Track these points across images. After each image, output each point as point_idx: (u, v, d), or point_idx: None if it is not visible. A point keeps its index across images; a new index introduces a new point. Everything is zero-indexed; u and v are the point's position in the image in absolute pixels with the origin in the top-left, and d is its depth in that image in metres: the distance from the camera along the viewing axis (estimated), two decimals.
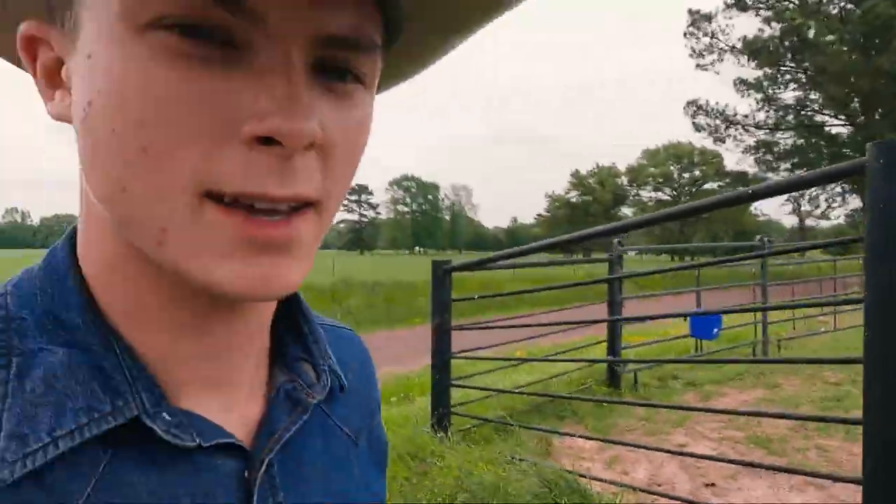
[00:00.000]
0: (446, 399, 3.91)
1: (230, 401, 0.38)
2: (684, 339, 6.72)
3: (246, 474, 0.36)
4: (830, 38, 21.31)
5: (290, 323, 0.44)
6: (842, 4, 22.33)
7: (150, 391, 0.34)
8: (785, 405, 4.89)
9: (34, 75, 0.35)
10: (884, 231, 1.68)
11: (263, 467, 0.37)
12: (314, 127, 0.29)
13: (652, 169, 66.08)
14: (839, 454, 3.77)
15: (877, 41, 20.94)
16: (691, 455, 3.22)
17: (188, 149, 0.28)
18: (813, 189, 32.16)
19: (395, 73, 0.41)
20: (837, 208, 32.82)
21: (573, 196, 72.71)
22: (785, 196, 40.46)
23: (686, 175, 64.15)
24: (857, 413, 4.70)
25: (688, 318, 6.23)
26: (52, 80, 0.34)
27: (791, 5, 22.65)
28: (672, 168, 65.00)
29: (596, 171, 73.37)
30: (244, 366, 0.39)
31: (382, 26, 0.33)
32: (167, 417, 0.34)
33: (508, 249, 3.91)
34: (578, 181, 73.08)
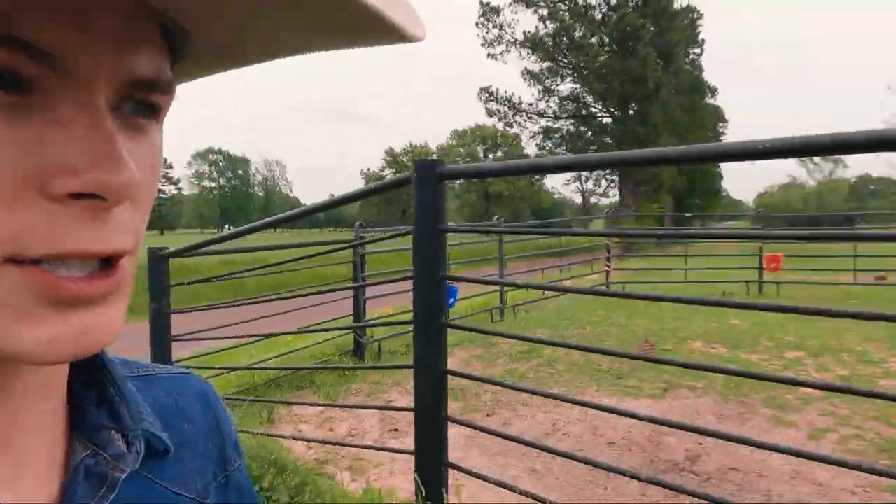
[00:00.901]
0: None
1: (18, 479, 0.32)
2: None
3: None
4: (593, 40, 24.48)
5: (91, 384, 0.38)
6: (604, 10, 25.72)
7: None
8: (483, 362, 5.88)
9: None
10: (421, 225, 2.28)
11: None
12: (136, 176, 0.27)
13: (461, 149, 70.10)
14: (480, 399, 4.70)
15: (629, 45, 24.53)
16: (372, 408, 3.83)
17: None
18: (594, 172, 37.20)
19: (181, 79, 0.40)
20: (616, 187, 38.25)
21: (388, 174, 73.98)
22: (569, 176, 46.19)
23: (491, 156, 69.19)
24: (527, 366, 5.68)
25: None
26: None
27: (564, 6, 25.49)
28: (478, 148, 69.84)
29: (410, 149, 75.71)
30: (32, 437, 0.33)
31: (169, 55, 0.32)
32: None
33: (229, 231, 4.10)
34: (393, 159, 74.76)
